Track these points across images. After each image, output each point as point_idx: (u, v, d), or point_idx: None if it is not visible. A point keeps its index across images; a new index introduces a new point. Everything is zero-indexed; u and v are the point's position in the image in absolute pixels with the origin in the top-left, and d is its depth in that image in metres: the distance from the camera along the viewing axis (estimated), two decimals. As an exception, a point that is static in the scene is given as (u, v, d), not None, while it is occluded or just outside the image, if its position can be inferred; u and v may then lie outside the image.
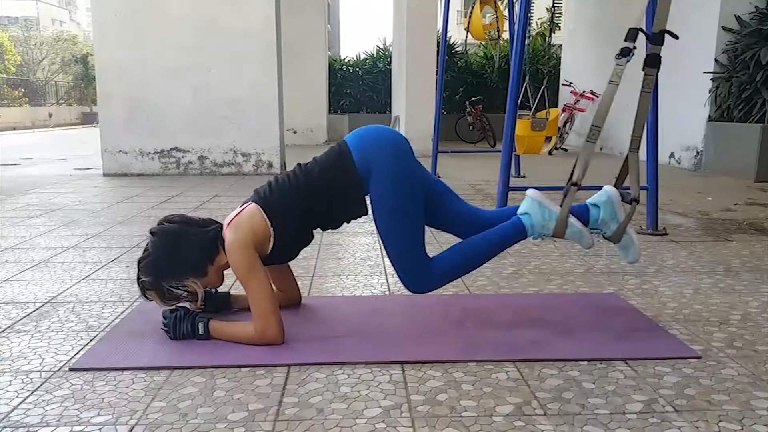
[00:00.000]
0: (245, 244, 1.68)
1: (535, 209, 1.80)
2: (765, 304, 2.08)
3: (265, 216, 1.73)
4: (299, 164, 1.84)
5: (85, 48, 30.07)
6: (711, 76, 6.11)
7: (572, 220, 1.80)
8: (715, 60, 6.08)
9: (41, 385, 1.47)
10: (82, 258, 2.74)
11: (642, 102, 1.85)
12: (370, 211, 1.81)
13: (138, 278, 1.75)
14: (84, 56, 26.57)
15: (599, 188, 1.90)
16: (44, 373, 1.54)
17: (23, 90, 24.06)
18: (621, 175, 1.94)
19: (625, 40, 1.76)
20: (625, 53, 1.74)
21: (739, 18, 5.95)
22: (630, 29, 1.76)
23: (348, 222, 1.87)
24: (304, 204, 1.76)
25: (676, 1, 1.78)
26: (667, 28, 1.78)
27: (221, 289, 1.98)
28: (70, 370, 1.56)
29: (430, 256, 1.83)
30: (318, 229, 1.87)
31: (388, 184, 1.73)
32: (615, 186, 1.91)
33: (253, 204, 1.76)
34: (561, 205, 1.81)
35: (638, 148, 1.89)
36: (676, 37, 1.77)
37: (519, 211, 1.84)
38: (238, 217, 1.74)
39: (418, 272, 1.78)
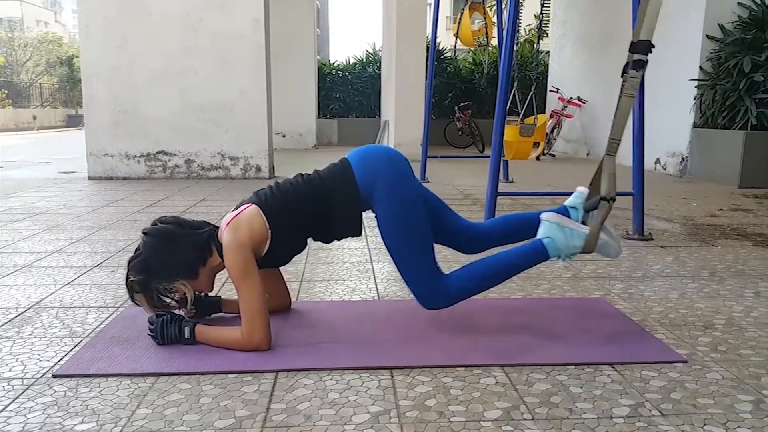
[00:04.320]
0: (243, 245, 1.68)
1: (555, 232, 1.80)
2: (748, 308, 2.11)
3: (265, 219, 1.73)
4: (301, 174, 1.84)
5: (70, 50, 29.78)
6: (696, 83, 6.20)
7: (602, 233, 1.80)
8: (700, 68, 6.17)
9: (23, 392, 1.45)
10: (66, 263, 2.70)
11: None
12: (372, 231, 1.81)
13: (127, 278, 1.73)
14: (69, 58, 26.28)
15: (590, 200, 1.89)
16: (26, 380, 1.51)
17: (7, 92, 23.76)
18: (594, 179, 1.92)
19: (634, 52, 1.73)
20: (641, 65, 1.72)
21: (723, 27, 6.05)
22: (640, 41, 1.73)
23: (339, 239, 1.87)
24: (304, 212, 1.77)
25: (662, 11, 1.79)
26: (654, 37, 1.79)
27: (212, 293, 1.97)
28: (54, 376, 1.53)
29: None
30: (310, 238, 1.87)
31: (391, 200, 1.75)
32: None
33: (254, 206, 1.76)
34: (583, 222, 1.83)
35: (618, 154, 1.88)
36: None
37: (539, 236, 1.83)
38: (238, 218, 1.74)
39: (432, 288, 1.78)
